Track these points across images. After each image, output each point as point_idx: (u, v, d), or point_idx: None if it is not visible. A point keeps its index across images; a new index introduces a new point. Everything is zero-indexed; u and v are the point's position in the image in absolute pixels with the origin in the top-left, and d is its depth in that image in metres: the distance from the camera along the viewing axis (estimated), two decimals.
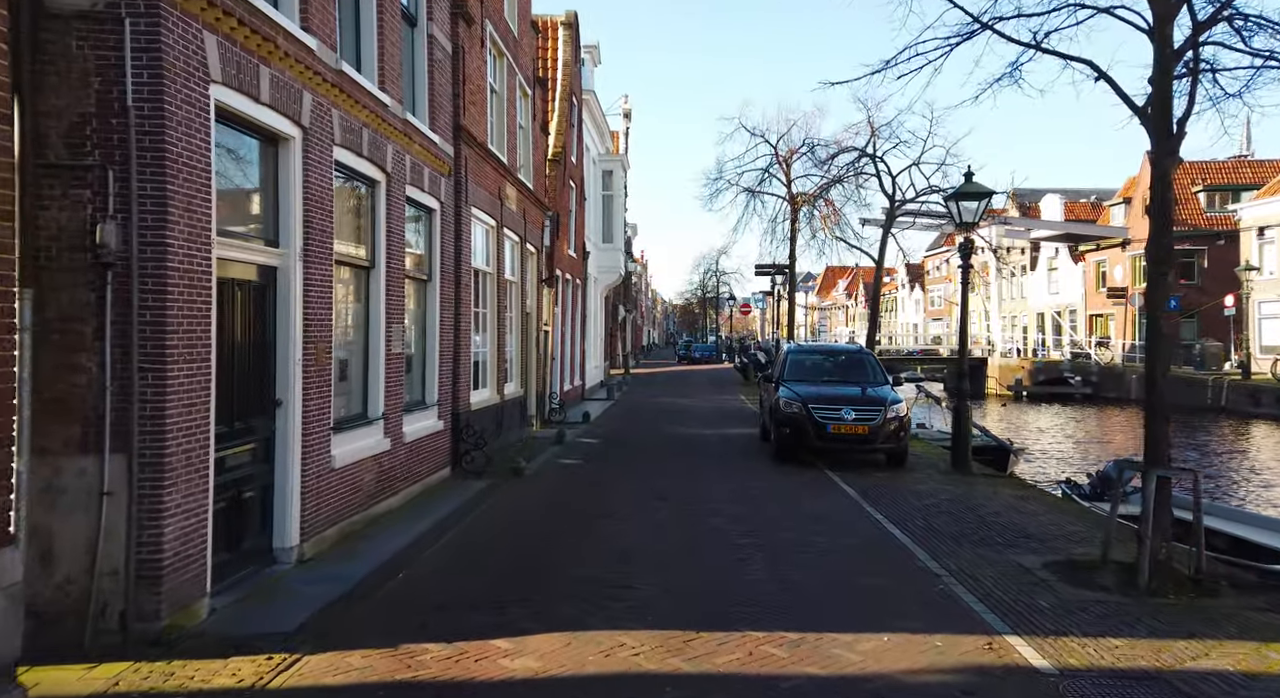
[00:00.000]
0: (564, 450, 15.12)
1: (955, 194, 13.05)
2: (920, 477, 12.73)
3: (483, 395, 13.83)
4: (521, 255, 16.62)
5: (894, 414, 13.34)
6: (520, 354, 16.73)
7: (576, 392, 25.14)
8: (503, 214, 14.63)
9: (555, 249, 20.56)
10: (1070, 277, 55.94)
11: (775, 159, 28.60)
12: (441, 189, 11.22)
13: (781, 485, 11.92)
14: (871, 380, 14.80)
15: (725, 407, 25.27)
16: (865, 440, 13.27)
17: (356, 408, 8.99)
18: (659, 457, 14.69)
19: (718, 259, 71.14)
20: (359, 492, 8.56)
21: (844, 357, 15.90)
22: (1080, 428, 30.85)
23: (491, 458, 12.41)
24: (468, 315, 12.51)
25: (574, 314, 24.66)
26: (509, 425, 15.49)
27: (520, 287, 16.64)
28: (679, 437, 17.62)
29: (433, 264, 11.20)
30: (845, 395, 13.86)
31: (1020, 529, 9.18)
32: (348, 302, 8.86)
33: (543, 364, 19.35)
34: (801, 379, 14.70)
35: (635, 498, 10.73)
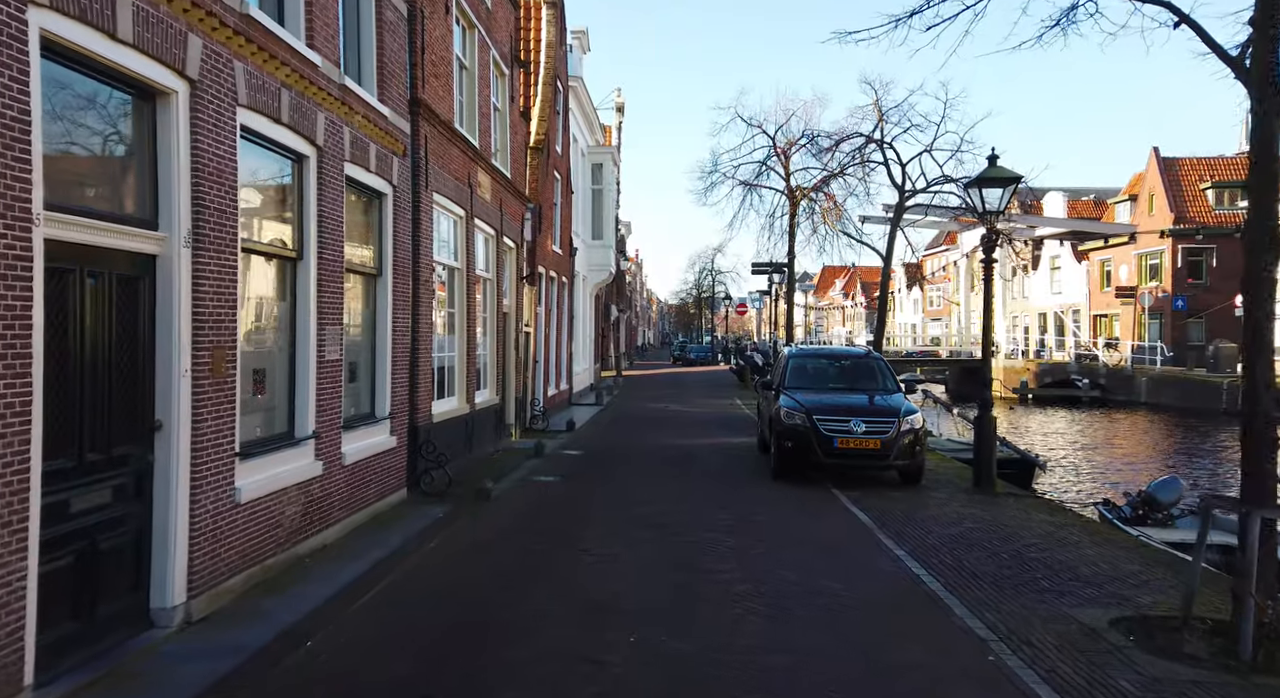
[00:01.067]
0: (541, 465, 13.66)
1: (978, 180, 11.63)
2: (940, 497, 11.30)
3: (449, 405, 12.38)
4: (498, 250, 15.17)
5: (909, 426, 11.91)
6: (496, 358, 15.28)
7: (563, 397, 23.69)
8: (473, 203, 13.18)
9: (537, 244, 19.11)
10: (1074, 276, 54.62)
11: (773, 151, 27.17)
12: (394, 170, 9.77)
13: (784, 509, 10.48)
14: (881, 387, 13.37)
15: (720, 413, 23.84)
16: (877, 457, 11.84)
17: (279, 426, 7.53)
18: (647, 473, 13.25)
19: (713, 258, 69.80)
20: (278, 528, 7.11)
21: (850, 361, 14.47)
22: (1092, 433, 29.47)
23: (454, 478, 10.95)
24: (428, 316, 11.06)
25: (559, 314, 23.21)
26: (482, 437, 14.04)
27: (496, 284, 15.19)
28: (669, 448, 16.18)
29: (384, 257, 9.74)
30: (853, 405, 12.43)
31: (1068, 568, 7.75)
32: (266, 299, 7.40)
33: (523, 368, 17.90)
34: (804, 387, 13.27)
35: (616, 527, 9.28)
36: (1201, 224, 46.50)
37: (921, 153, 21.70)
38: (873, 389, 13.25)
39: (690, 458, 14.92)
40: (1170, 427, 30.12)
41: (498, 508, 10.22)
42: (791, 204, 27.17)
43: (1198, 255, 46.43)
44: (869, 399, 12.71)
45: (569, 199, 24.14)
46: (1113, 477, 19.34)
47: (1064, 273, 55.92)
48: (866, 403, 12.53)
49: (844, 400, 12.58)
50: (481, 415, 13.96)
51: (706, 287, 75.21)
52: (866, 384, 13.46)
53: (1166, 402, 35.29)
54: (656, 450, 15.83)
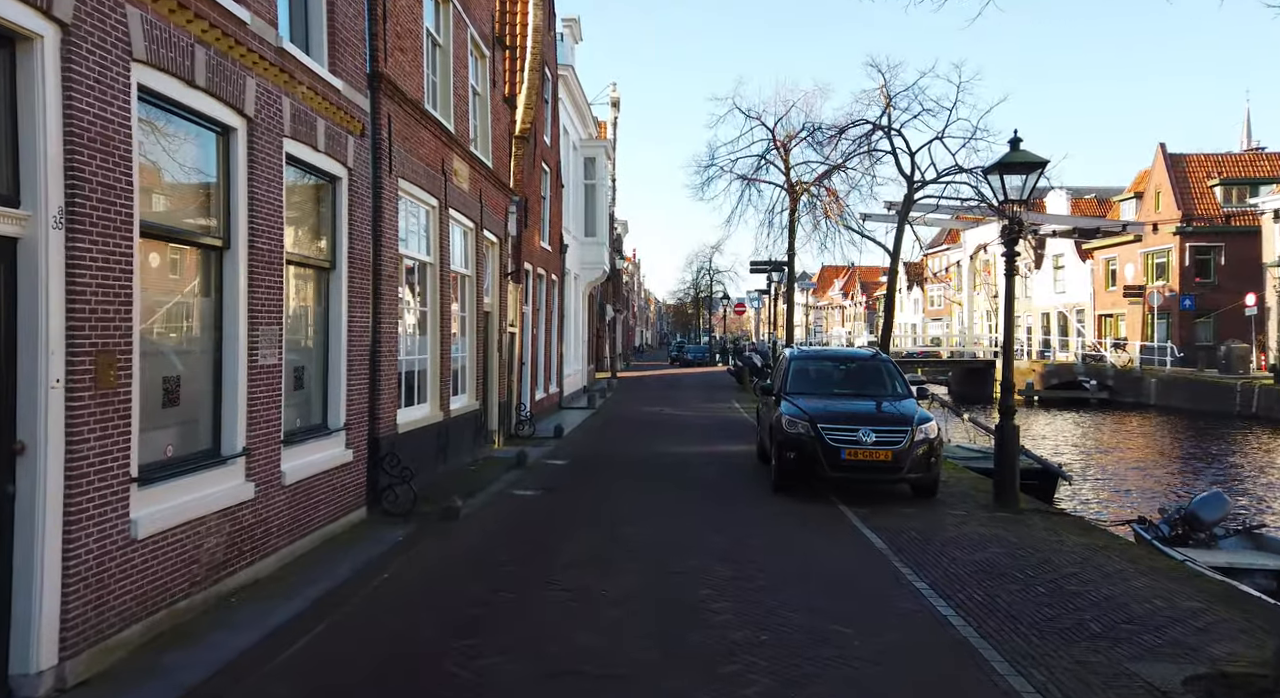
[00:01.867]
0: (522, 477, 12.59)
1: (999, 165, 10.56)
2: (958, 515, 10.24)
3: (418, 413, 11.31)
4: (477, 244, 14.11)
5: (923, 436, 10.85)
6: (476, 361, 14.21)
7: (552, 400, 22.63)
8: (448, 193, 12.11)
9: (523, 240, 18.04)
10: (1078, 275, 53.63)
11: (772, 144, 26.10)
12: (349, 151, 8.70)
13: (786, 530, 9.41)
14: (891, 392, 12.32)
15: (717, 417, 22.78)
16: (889, 469, 10.78)
17: (201, 443, 6.47)
18: (636, 486, 12.18)
19: (711, 257, 68.72)
20: (193, 565, 6.03)
21: (857, 363, 13.40)
22: (1103, 438, 28.43)
23: (421, 494, 9.88)
24: (393, 315, 9.99)
25: (549, 314, 22.15)
26: (459, 446, 12.97)
27: (476, 281, 14.12)
28: (662, 457, 15.11)
29: (338, 248, 8.67)
30: (861, 412, 11.37)
31: (1119, 606, 6.69)
32: (183, 294, 6.34)
33: (507, 371, 16.84)
34: (807, 392, 12.21)
35: (597, 553, 8.21)
36: (1210, 222, 45.58)
37: (932, 140, 20.56)
38: (882, 395, 12.19)
39: (684, 468, 13.85)
40: (1184, 430, 29.09)
41: (465, 529, 9.15)
42: (791, 199, 26.09)
43: (1206, 253, 45.44)
44: (878, 406, 11.66)
45: (559, 193, 23.07)
46: (1132, 484, 18.31)
47: (1068, 272, 54.92)
48: (876, 410, 11.47)
49: (851, 407, 11.52)
50: (458, 423, 12.89)
51: (704, 286, 74.13)
52: (875, 389, 12.40)
53: (1177, 404, 34.27)
54: (648, 459, 14.76)
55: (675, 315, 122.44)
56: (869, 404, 11.72)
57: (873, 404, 11.75)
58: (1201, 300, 43.90)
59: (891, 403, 11.79)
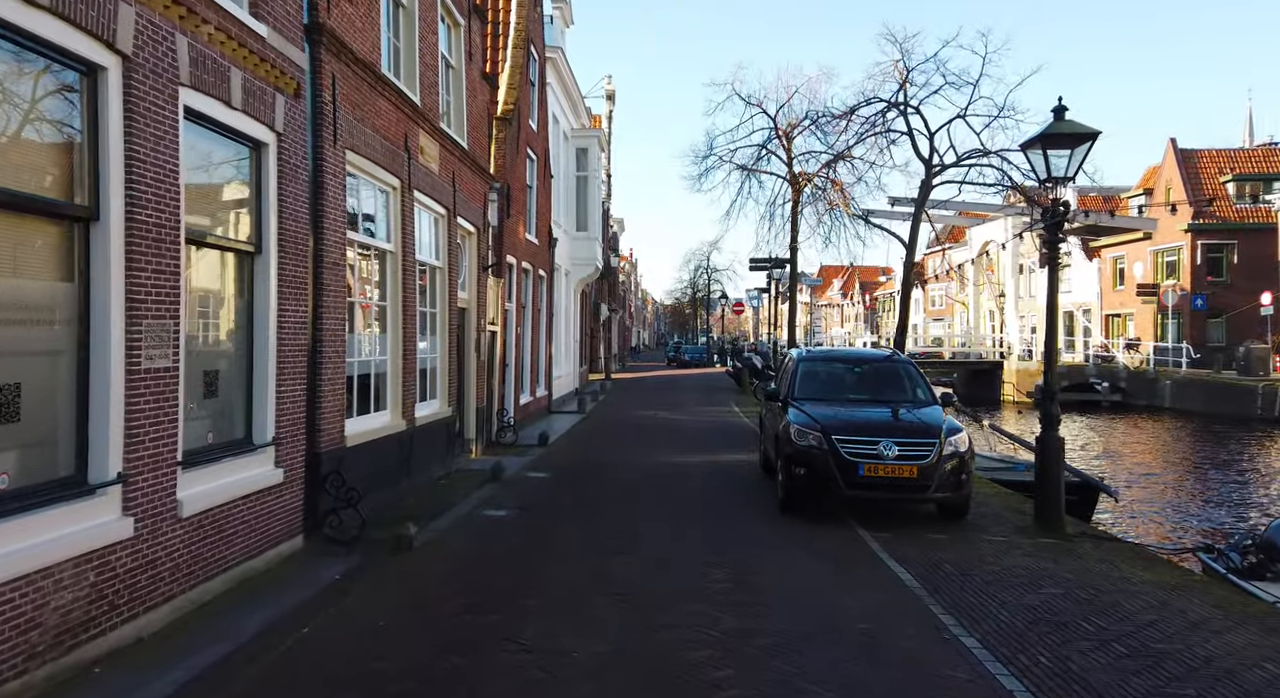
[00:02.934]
0: (495, 494, 11.18)
1: (1041, 138, 9.16)
2: (996, 541, 8.83)
3: (375, 422, 9.89)
4: (449, 233, 12.69)
5: (952, 449, 9.45)
6: (448, 362, 12.79)
7: (540, 404, 21.22)
8: (412, 173, 10.70)
9: (505, 231, 16.64)
10: (1084, 274, 52.30)
11: (774, 133, 24.67)
12: (278, 112, 7.28)
13: (797, 562, 8.00)
14: (912, 398, 10.93)
15: (716, 422, 21.37)
16: (914, 488, 9.37)
17: (56, 470, 5.05)
18: (624, 503, 10.77)
19: (709, 255, 67.27)
20: (34, 630, 4.62)
21: (872, 366, 11.98)
22: (1120, 443, 27.06)
23: (372, 518, 8.47)
24: (340, 309, 8.58)
25: (536, 311, 20.75)
26: (427, 458, 11.56)
27: (449, 274, 12.71)
28: (655, 468, 13.70)
29: (265, 228, 7.26)
30: (881, 421, 9.99)
31: (1229, 675, 5.28)
32: (24, 277, 4.92)
33: (486, 373, 15.43)
34: (818, 397, 10.81)
35: (572, 598, 6.80)
36: (1223, 219, 44.27)
37: (953, 120, 18.99)
38: (902, 401, 10.80)
39: (679, 481, 12.45)
40: (1205, 435, 27.73)
41: (419, 563, 7.72)
42: (794, 191, 24.68)
43: (1218, 251, 44.13)
44: (899, 414, 10.26)
45: (548, 183, 21.67)
46: (1171, 497, 16.92)
47: (1074, 271, 53.54)
48: (897, 419, 10.09)
49: (869, 416, 10.12)
50: (426, 432, 11.48)
51: (702, 286, 72.67)
52: (894, 395, 11.01)
53: (1193, 407, 32.93)
54: (639, 472, 13.35)
55: (673, 316, 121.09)
56: (889, 412, 10.33)
57: (893, 412, 10.36)
58: (1213, 300, 42.59)
59: (914, 411, 10.39)
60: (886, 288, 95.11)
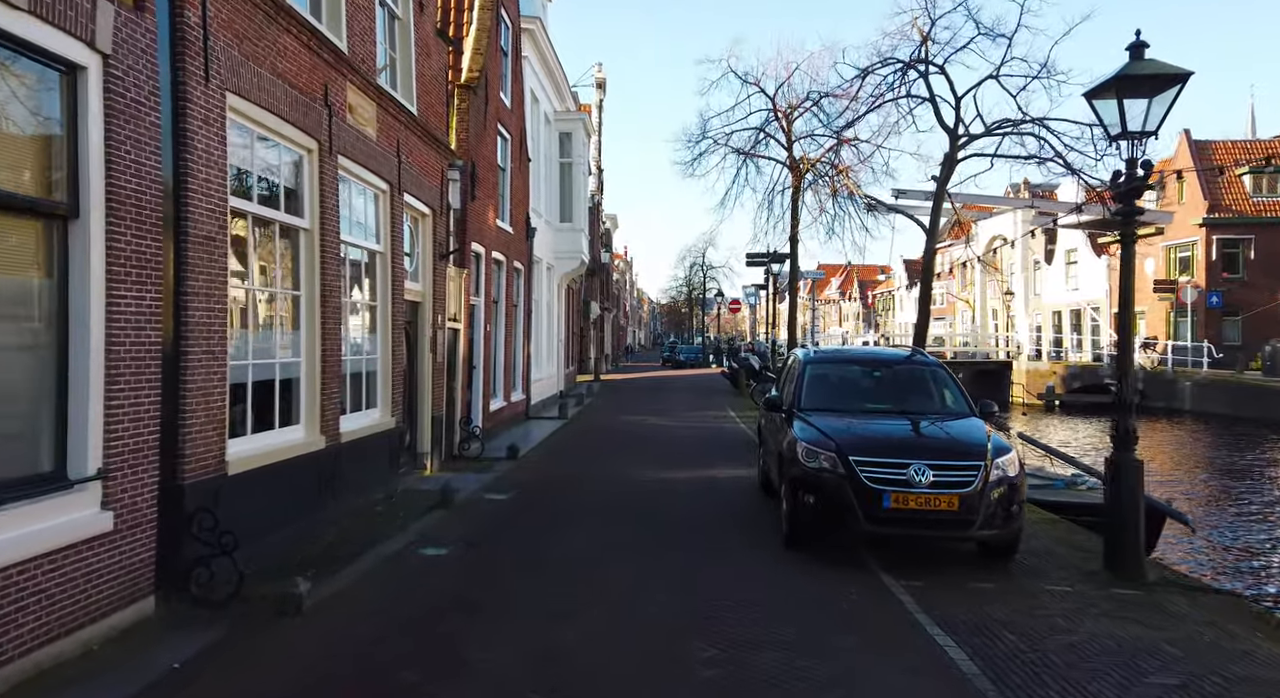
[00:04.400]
0: (440, 524, 9.24)
1: (1116, 80, 7.22)
2: (1065, 598, 6.88)
3: (278, 440, 7.93)
4: (393, 212, 10.76)
5: (1000, 474, 7.53)
6: (392, 364, 10.85)
7: (516, 410, 19.27)
8: (335, 134, 8.76)
9: (471, 215, 14.70)
10: (1092, 271, 50.43)
11: (773, 114, 22.75)
12: (101, 25, 5.32)
13: (810, 626, 6.06)
14: (943, 408, 9.03)
15: (710, 429, 19.43)
16: (954, 524, 7.44)
17: None
18: (593, 539, 8.83)
19: (704, 251, 65.29)
20: None
21: (894, 369, 10.02)
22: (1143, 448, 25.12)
23: (262, 567, 6.53)
24: (216, 297, 6.63)
25: (511, 307, 18.80)
26: (361, 479, 9.63)
27: (392, 260, 10.77)
28: (638, 488, 11.76)
29: (84, 183, 5.31)
30: (910, 439, 8.09)
31: None
32: None
33: (446, 376, 13.49)
34: (830, 407, 8.88)
35: (504, 693, 4.87)
36: (1238, 213, 42.47)
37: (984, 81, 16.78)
38: (932, 412, 8.89)
39: (664, 505, 10.52)
40: (1234, 440, 25.85)
41: (304, 634, 5.77)
42: (795, 177, 22.77)
43: (1234, 247, 42.34)
44: (931, 429, 8.35)
45: (524, 167, 19.72)
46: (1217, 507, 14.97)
47: (1081, 267, 51.71)
48: (930, 436, 8.18)
49: (894, 431, 8.21)
50: (359, 449, 9.54)
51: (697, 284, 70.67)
52: (922, 404, 9.09)
53: (1216, 409, 31.07)
54: (619, 492, 11.42)
55: (668, 315, 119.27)
56: (917, 426, 8.42)
57: (923, 426, 8.45)
58: (1229, 297, 40.80)
59: (948, 424, 8.48)
60: (886, 286, 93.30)
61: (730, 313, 60.65)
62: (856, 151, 20.86)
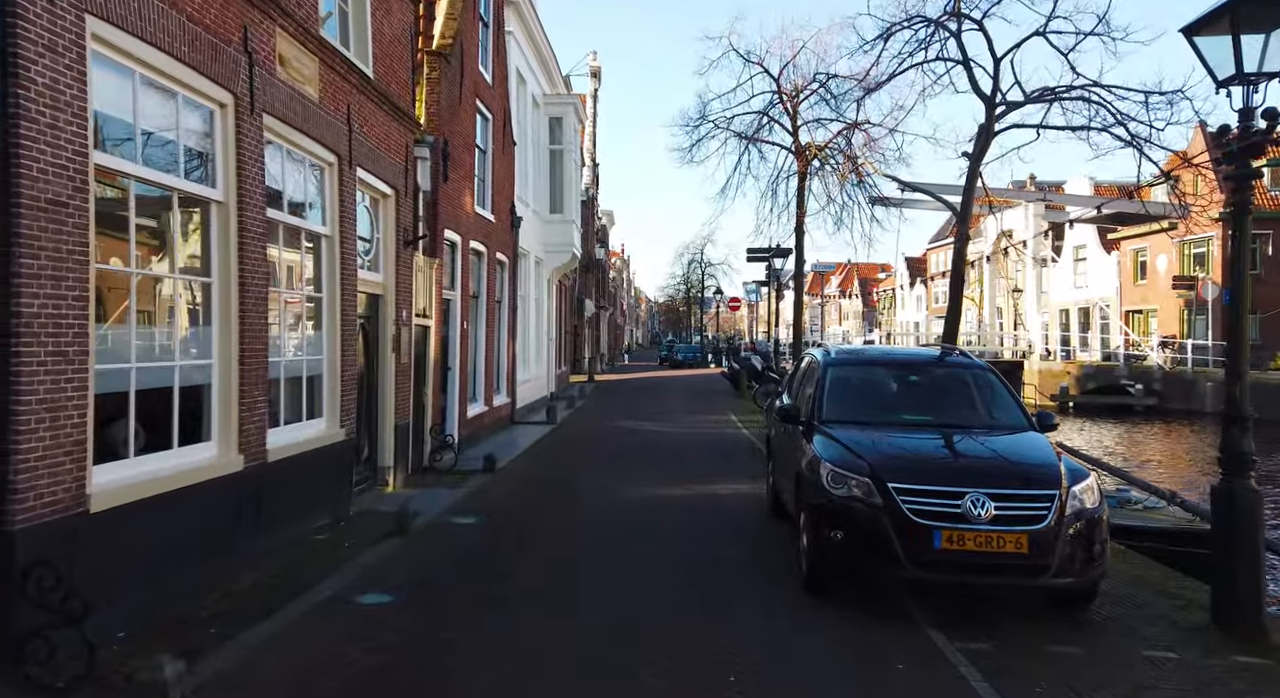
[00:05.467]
0: (389, 560, 7.68)
1: (1229, 8, 5.68)
2: (1174, 670, 5.33)
3: (180, 462, 6.37)
4: (341, 189, 9.21)
5: (1077, 506, 6.00)
6: (342, 366, 9.30)
7: (499, 414, 17.71)
8: (257, 87, 7.21)
9: (444, 199, 13.16)
10: (1102, 268, 48.97)
11: (777, 97, 21.19)
12: None
13: None
14: (995, 421, 7.50)
15: (711, 436, 17.89)
16: (1023, 569, 5.89)
17: None
18: (569, 579, 7.28)
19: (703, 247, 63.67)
20: None
21: (932, 372, 8.44)
22: (1172, 454, 23.65)
23: (143, 628, 4.99)
24: (71, 280, 5.06)
25: (493, 303, 17.25)
26: (295, 505, 8.09)
27: (338, 245, 9.22)
28: (627, 509, 10.21)
29: None
30: (962, 461, 6.57)
31: None
32: None
33: (413, 379, 11.93)
34: (857, 419, 7.33)
35: None
36: (1256, 207, 41.05)
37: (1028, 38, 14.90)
38: (983, 425, 7.36)
39: (656, 532, 8.97)
40: (1265, 445, 24.27)
41: None
42: (800, 164, 21.24)
43: (1251, 242, 40.77)
44: (985, 447, 6.82)
45: (508, 150, 18.16)
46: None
47: (1090, 264, 50.26)
48: (986, 456, 6.64)
49: (942, 450, 6.69)
50: (297, 467, 7.99)
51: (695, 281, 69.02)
52: (968, 415, 7.57)
53: None
54: (604, 514, 9.87)
55: (666, 314, 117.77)
56: (968, 444, 6.88)
57: (974, 444, 6.92)
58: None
59: (1003, 440, 6.95)
60: (886, 285, 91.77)
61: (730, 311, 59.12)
62: (867, 136, 19.27)
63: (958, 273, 14.74)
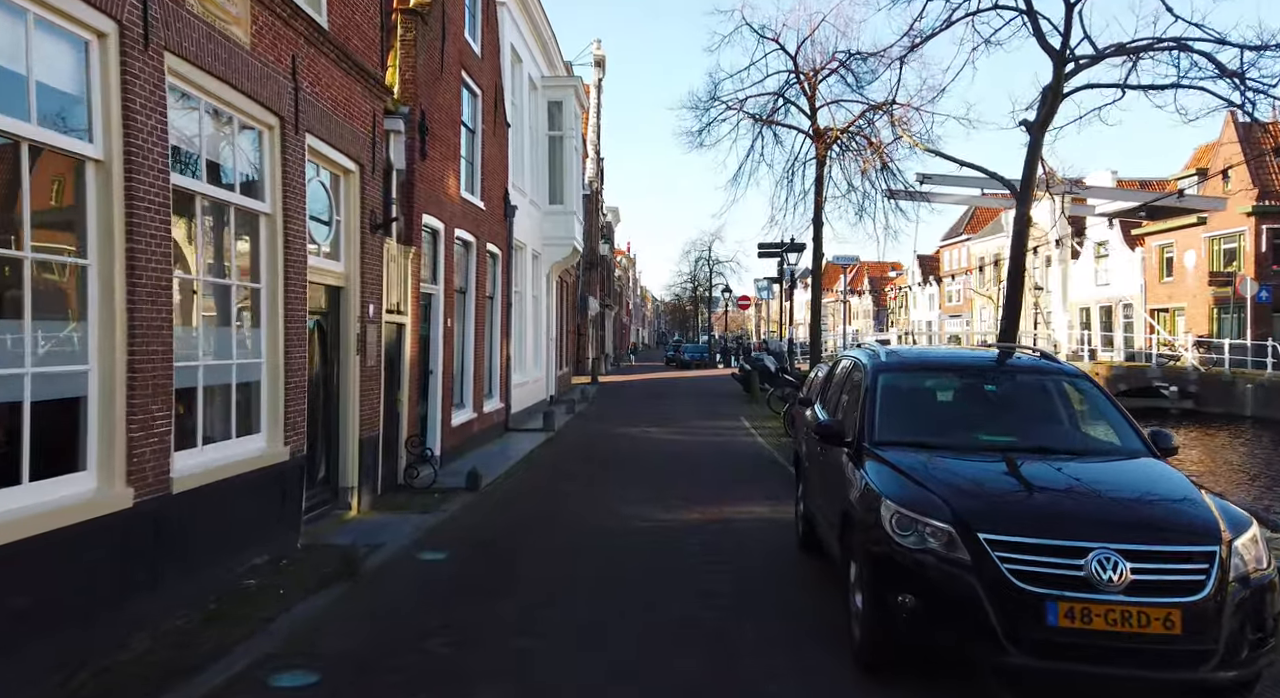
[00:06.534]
0: (326, 616, 6.08)
1: None
2: None
3: (35, 500, 4.77)
4: (282, 157, 7.63)
5: (1239, 566, 4.38)
6: (282, 367, 7.72)
7: (491, 421, 16.12)
8: (153, 17, 5.63)
9: (423, 179, 11.58)
10: (1125, 264, 47.20)
11: (794, 76, 19.56)
12: None
13: None
14: (1100, 444, 5.88)
15: (722, 445, 16.27)
16: (1172, 659, 4.27)
17: None
18: (554, 643, 5.67)
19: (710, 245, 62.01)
20: None
21: (1014, 378, 6.66)
22: (1209, 463, 21.93)
23: None
24: None
25: (483, 299, 15.65)
26: (224, 543, 6.53)
27: (281, 224, 7.65)
28: (628, 540, 8.59)
29: None
30: (1074, 502, 4.92)
31: None
32: None
33: (383, 384, 10.35)
34: (921, 440, 5.69)
35: None
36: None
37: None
38: (1088, 450, 5.73)
39: (660, 569, 7.35)
40: None
41: None
42: (819, 148, 19.62)
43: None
44: (1102, 481, 5.19)
45: (500, 133, 16.56)
46: None
47: (1112, 261, 48.48)
48: (1107, 493, 5.00)
49: (1046, 486, 5.05)
50: (219, 496, 6.42)
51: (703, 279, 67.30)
52: (1065, 436, 5.96)
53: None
54: (598, 549, 8.25)
55: (672, 313, 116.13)
56: (1077, 477, 5.24)
57: (1086, 477, 5.28)
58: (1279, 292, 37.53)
59: (1118, 472, 5.34)
60: (898, 284, 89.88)
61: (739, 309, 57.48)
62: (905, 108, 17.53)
63: (1017, 262, 12.99)
